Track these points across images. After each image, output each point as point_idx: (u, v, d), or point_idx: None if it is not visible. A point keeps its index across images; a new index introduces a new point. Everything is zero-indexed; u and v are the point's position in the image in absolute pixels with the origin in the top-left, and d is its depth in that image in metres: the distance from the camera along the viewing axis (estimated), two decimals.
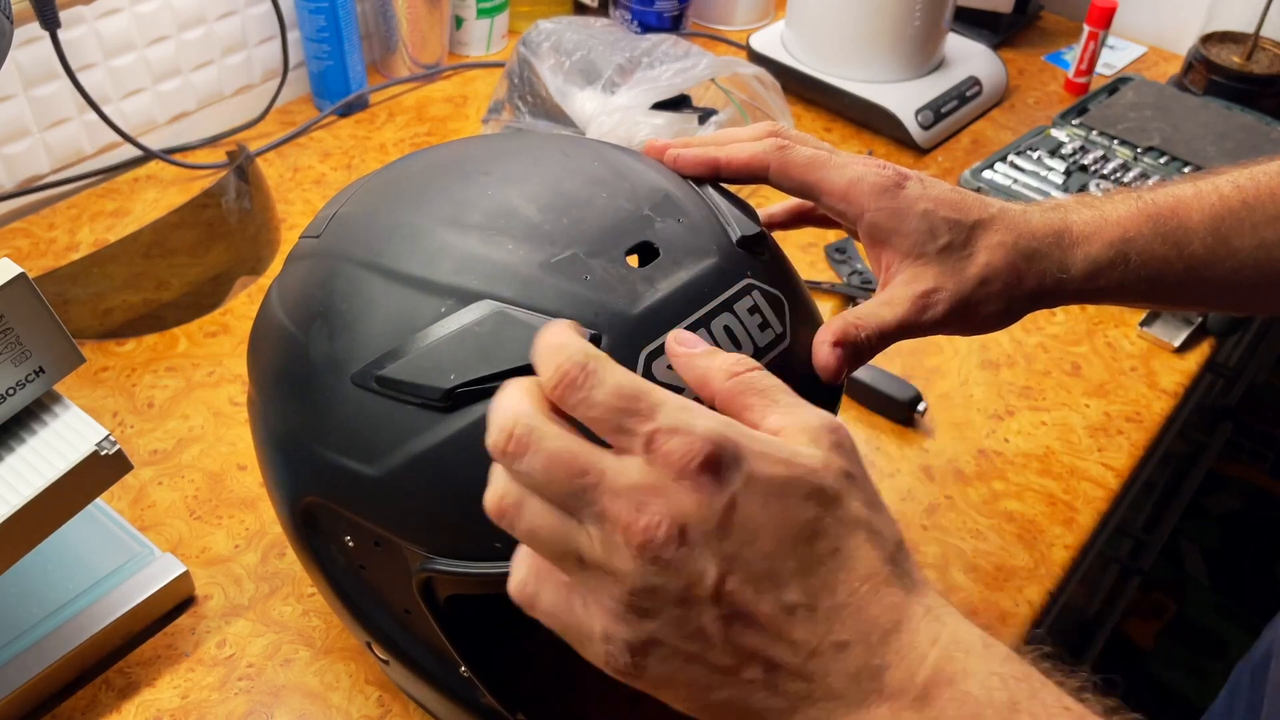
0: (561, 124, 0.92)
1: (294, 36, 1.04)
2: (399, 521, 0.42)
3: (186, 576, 0.62)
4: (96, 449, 0.51)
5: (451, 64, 1.15)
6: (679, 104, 0.92)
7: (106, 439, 0.51)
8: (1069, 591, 0.81)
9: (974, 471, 0.74)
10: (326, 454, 0.44)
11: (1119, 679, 0.37)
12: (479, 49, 1.17)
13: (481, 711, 0.50)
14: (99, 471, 0.51)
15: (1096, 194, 0.55)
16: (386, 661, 0.51)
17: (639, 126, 0.88)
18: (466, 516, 0.41)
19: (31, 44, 0.86)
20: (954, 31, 1.13)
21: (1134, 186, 0.55)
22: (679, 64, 0.92)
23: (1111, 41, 1.27)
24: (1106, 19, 1.10)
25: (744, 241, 0.46)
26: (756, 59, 1.12)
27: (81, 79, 0.86)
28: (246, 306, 0.84)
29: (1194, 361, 0.83)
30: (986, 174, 0.98)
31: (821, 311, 0.50)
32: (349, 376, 0.42)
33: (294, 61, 1.05)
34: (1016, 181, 0.97)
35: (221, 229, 0.81)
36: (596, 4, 1.23)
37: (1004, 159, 0.99)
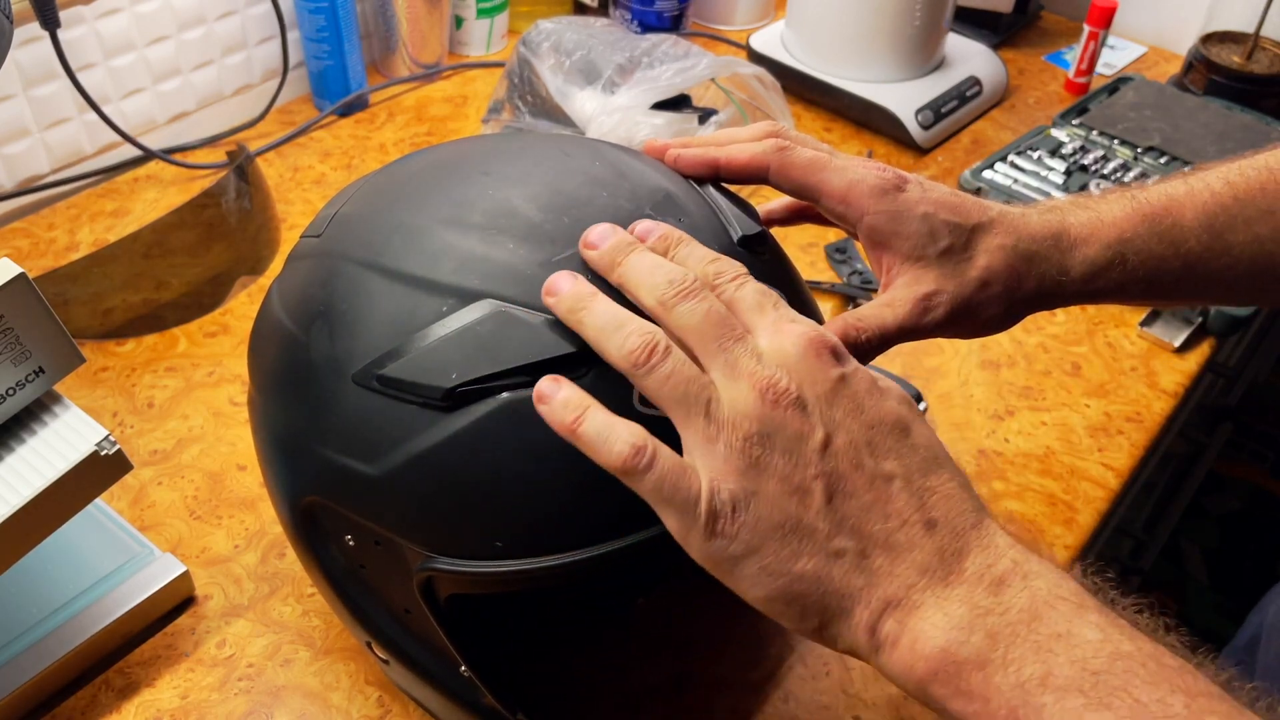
0: (561, 124, 0.92)
1: (294, 36, 1.03)
2: (400, 521, 0.42)
3: (186, 576, 0.62)
4: (96, 449, 0.50)
5: (451, 64, 1.15)
6: (679, 104, 0.92)
7: (106, 439, 0.51)
8: None
9: (974, 471, 0.73)
10: (327, 453, 0.44)
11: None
12: (479, 49, 1.17)
13: (482, 712, 0.50)
14: (99, 471, 0.51)
15: (1094, 194, 0.55)
16: (386, 661, 0.51)
17: (639, 126, 0.88)
18: (467, 515, 0.41)
19: (31, 44, 0.86)
20: (954, 31, 1.13)
21: (1128, 185, 0.55)
22: (679, 64, 0.92)
23: (1112, 41, 1.27)
24: (1106, 19, 1.10)
25: (745, 241, 0.46)
26: (756, 59, 1.12)
27: (81, 79, 0.86)
28: (246, 306, 0.83)
29: (1194, 361, 0.83)
30: (987, 174, 0.98)
31: (822, 311, 0.51)
32: (350, 376, 0.42)
33: (294, 61, 1.05)
34: (1017, 182, 0.97)
35: (221, 229, 0.81)
36: (596, 4, 1.23)
37: (1004, 159, 0.99)
